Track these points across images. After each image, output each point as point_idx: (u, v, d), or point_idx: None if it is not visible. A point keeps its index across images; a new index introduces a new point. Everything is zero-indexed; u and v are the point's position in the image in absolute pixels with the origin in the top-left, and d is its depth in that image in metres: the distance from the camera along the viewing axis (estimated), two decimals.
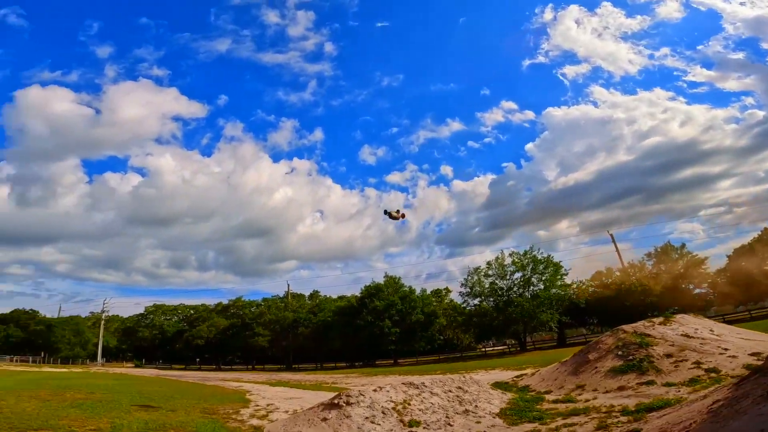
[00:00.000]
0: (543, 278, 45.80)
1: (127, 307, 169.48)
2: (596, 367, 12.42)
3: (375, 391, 9.76)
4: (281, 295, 71.04)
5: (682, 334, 12.04)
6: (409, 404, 9.58)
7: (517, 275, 47.02)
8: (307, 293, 78.67)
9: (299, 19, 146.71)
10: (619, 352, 12.36)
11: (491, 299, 47.75)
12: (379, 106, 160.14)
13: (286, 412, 11.19)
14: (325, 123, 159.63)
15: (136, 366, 66.53)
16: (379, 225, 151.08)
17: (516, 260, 47.07)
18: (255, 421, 9.70)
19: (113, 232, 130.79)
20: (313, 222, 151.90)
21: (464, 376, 12.01)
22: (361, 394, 9.36)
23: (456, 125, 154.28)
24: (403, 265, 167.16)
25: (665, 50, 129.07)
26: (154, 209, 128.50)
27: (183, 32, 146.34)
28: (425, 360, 50.24)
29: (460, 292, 50.28)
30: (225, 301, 79.53)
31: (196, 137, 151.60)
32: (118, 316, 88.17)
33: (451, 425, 8.90)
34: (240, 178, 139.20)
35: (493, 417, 9.54)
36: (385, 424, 8.56)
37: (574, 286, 48.31)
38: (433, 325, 53.03)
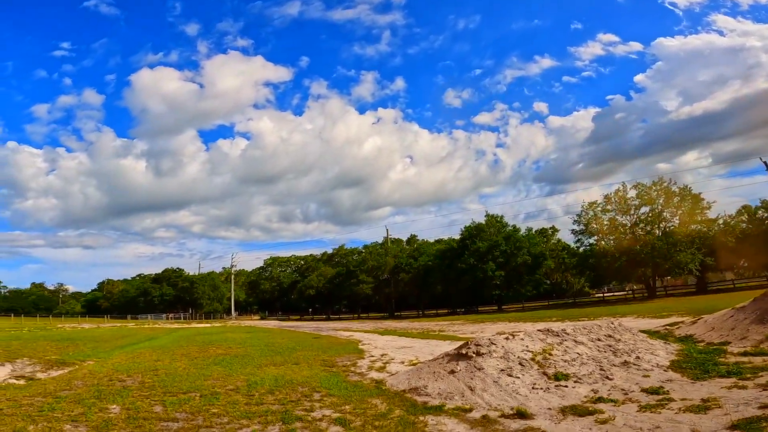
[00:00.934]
0: (679, 213, 39.00)
1: (250, 261, 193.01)
2: None
3: (507, 339, 8.42)
4: (380, 242, 72.56)
5: None
6: (551, 354, 8.09)
7: (644, 210, 40.75)
8: (403, 239, 79.62)
9: None
10: None
11: (611, 238, 42.39)
12: (458, 49, 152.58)
13: (402, 362, 10.55)
14: (404, 72, 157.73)
15: (261, 318, 74.89)
16: (471, 166, 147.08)
17: (642, 193, 40.57)
18: (374, 374, 9.17)
19: (231, 192, 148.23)
20: (404, 168, 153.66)
21: (613, 323, 10.05)
22: (492, 343, 8.10)
23: (546, 62, 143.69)
24: (498, 206, 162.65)
25: None
26: (261, 169, 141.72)
27: (255, 0, 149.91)
28: (532, 306, 47.68)
29: (573, 230, 45.56)
30: (329, 251, 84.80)
31: (287, 99, 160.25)
32: (244, 270, 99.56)
33: (610, 379, 7.25)
34: (330, 133, 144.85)
35: (664, 370, 7.62)
36: (526, 378, 7.24)
37: (721, 221, 40.44)
38: (541, 268, 49.63)
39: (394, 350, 13.54)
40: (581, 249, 46.23)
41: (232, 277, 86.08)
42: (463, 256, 49.37)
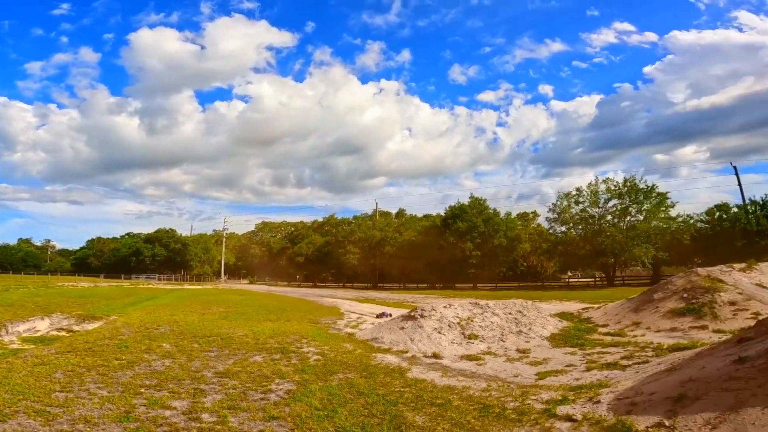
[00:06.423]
0: (643, 208, 42.92)
1: (240, 224, 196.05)
2: (657, 307, 12.94)
3: (445, 308, 11.91)
4: (370, 213, 76.04)
5: (756, 284, 11.94)
6: (472, 321, 11.59)
7: (612, 203, 44.70)
8: (394, 211, 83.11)
9: None
10: (685, 295, 12.60)
11: (580, 227, 46.51)
12: (470, 25, 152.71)
13: (373, 323, 14.06)
14: (412, 44, 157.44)
15: (250, 282, 78.15)
16: (470, 143, 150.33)
17: (612, 187, 44.42)
18: (349, 330, 12.66)
19: (226, 153, 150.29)
20: (402, 139, 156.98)
21: (526, 302, 13.59)
22: (433, 309, 11.58)
23: (557, 46, 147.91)
24: (493, 185, 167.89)
25: None
26: (258, 131, 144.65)
27: None
28: (504, 286, 51.85)
29: (547, 217, 49.77)
30: (320, 219, 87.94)
31: (289, 64, 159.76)
32: (234, 233, 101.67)
33: (503, 341, 10.76)
34: (331, 100, 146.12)
35: (542, 339, 11.16)
36: (449, 335, 10.75)
37: (680, 219, 44.49)
38: (516, 251, 53.71)
39: (370, 315, 17.09)
40: (554, 235, 50.26)
41: (224, 240, 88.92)
42: (445, 235, 53.16)
